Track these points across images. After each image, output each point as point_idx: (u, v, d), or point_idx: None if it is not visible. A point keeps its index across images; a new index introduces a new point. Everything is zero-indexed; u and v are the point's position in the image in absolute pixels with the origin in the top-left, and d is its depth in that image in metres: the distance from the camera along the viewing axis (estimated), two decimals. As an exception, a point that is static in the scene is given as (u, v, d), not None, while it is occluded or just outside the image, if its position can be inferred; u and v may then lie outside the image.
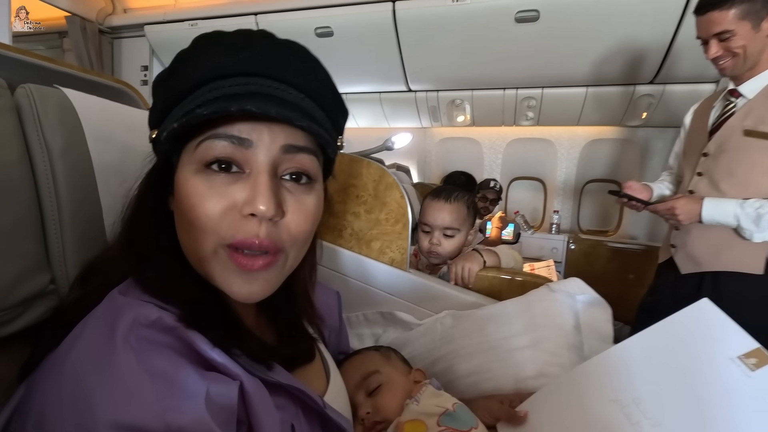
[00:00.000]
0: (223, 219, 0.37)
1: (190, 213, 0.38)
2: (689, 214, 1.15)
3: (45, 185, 0.48)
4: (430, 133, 3.23)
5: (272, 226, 0.38)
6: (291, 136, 0.39)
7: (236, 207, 0.37)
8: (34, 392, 0.34)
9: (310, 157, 0.41)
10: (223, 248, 0.38)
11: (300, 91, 0.41)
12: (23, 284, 0.43)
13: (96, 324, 0.36)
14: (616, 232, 2.92)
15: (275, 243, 0.39)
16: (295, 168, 0.40)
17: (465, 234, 1.06)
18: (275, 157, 0.38)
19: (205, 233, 0.38)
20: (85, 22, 2.65)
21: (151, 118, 0.43)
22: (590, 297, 0.75)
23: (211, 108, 0.35)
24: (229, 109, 0.35)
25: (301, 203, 0.41)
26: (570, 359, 0.67)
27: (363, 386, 0.67)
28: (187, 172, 0.39)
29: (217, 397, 0.35)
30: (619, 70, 2.21)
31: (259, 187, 0.37)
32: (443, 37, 2.18)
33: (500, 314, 0.76)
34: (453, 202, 1.05)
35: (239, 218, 0.38)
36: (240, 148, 0.37)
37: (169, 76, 0.40)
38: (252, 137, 0.37)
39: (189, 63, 0.39)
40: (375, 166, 0.89)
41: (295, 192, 0.40)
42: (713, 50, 1.12)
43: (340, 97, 0.46)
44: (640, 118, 2.57)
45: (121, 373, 0.32)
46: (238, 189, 0.38)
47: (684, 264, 1.25)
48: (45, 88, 0.51)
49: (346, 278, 0.92)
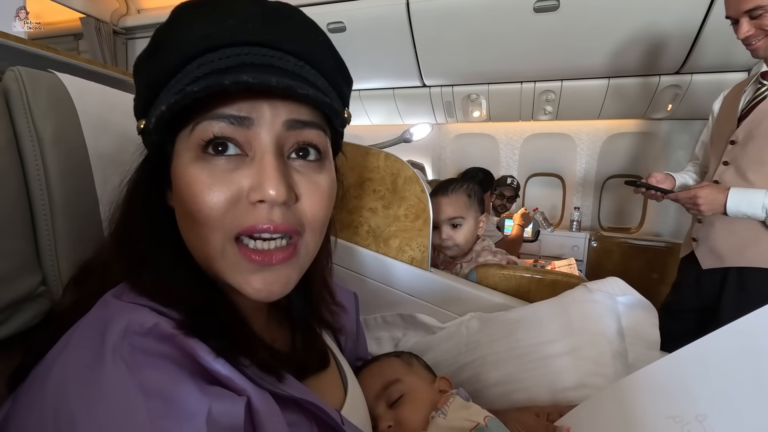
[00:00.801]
0: (228, 209, 0.33)
1: (191, 205, 0.33)
2: (712, 204, 1.07)
3: (34, 176, 0.43)
4: (444, 130, 3.17)
5: (286, 210, 0.34)
6: (294, 110, 0.35)
7: (242, 195, 0.33)
8: (15, 408, 0.30)
9: (317, 131, 0.37)
10: (231, 244, 0.34)
11: (299, 59, 0.36)
12: (9, 286, 0.39)
13: (84, 332, 0.31)
14: (640, 229, 2.81)
15: (292, 226, 0.35)
16: (302, 143, 0.36)
17: (473, 221, 1.07)
18: (279, 135, 0.34)
19: (210, 227, 0.33)
20: (100, 23, 2.66)
21: (137, 106, 0.39)
22: (633, 298, 0.68)
23: (201, 84, 0.30)
24: (222, 83, 0.30)
25: (314, 183, 0.36)
26: (615, 369, 0.61)
27: (383, 396, 0.61)
28: (184, 161, 0.34)
29: (220, 417, 0.30)
30: (643, 60, 2.11)
31: (265, 170, 0.33)
32: (459, 29, 2.12)
33: (532, 317, 0.70)
34: (451, 194, 1.07)
35: (247, 206, 0.33)
36: (240, 128, 0.33)
37: (150, 55, 0.35)
38: (252, 115, 0.33)
39: (170, 38, 0.34)
40: (393, 158, 0.84)
41: (306, 172, 0.36)
42: (744, 29, 1.04)
43: (344, 64, 0.41)
44: (666, 110, 2.46)
45: (110, 390, 0.28)
46: (242, 174, 0.33)
47: (705, 258, 1.18)
48: (36, 72, 0.46)
49: (363, 278, 0.87)
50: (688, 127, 2.53)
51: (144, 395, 0.28)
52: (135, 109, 0.38)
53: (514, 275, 0.84)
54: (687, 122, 2.53)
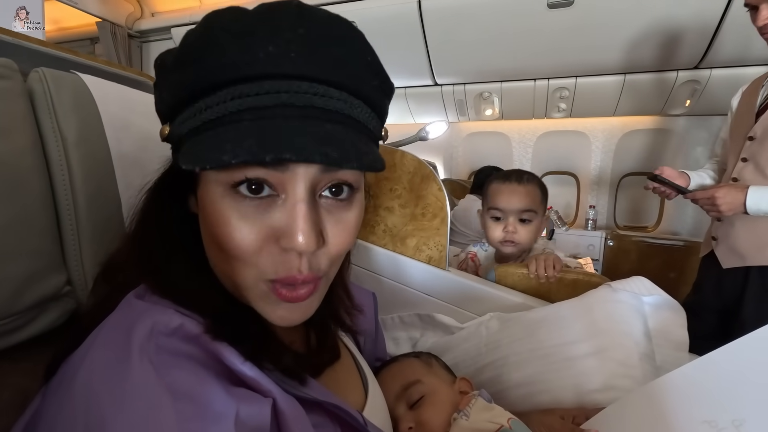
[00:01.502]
0: (260, 253, 0.32)
1: (222, 242, 0.32)
2: (732, 204, 1.04)
3: (59, 176, 0.43)
4: (456, 128, 3.15)
5: (312, 257, 0.33)
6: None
7: (273, 238, 0.32)
8: (44, 409, 0.30)
9: (352, 171, 0.35)
10: (264, 282, 0.34)
11: (343, 90, 0.33)
12: (36, 286, 0.39)
13: (109, 332, 0.31)
14: (657, 227, 2.75)
15: (316, 274, 0.34)
16: (336, 181, 0.34)
17: (540, 222, 0.97)
18: (314, 178, 0.32)
19: (243, 265, 0.33)
20: (115, 27, 2.70)
21: (161, 109, 0.36)
22: (659, 298, 0.66)
23: (240, 156, 0.27)
24: (263, 159, 0.27)
25: (341, 223, 0.35)
26: (643, 370, 0.59)
27: (403, 397, 0.61)
28: (213, 194, 0.33)
29: (247, 419, 0.30)
30: (660, 55, 2.07)
31: (298, 222, 0.31)
32: (471, 27, 2.10)
33: (554, 317, 0.68)
34: (527, 184, 0.96)
35: (278, 252, 0.32)
36: (274, 171, 0.31)
37: (177, 65, 0.33)
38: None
39: (202, 55, 0.31)
40: (410, 157, 0.83)
41: (334, 211, 0.35)
42: (763, 15, 1.00)
43: (387, 78, 0.38)
44: (683, 107, 2.40)
45: (138, 390, 0.27)
46: (273, 218, 0.32)
47: (726, 258, 1.15)
48: (60, 73, 0.47)
49: (380, 278, 0.86)
50: (707, 123, 2.47)
51: (172, 396, 0.28)
52: (158, 109, 0.37)
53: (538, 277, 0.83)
54: (705, 118, 2.47)
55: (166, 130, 0.35)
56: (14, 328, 0.38)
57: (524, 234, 0.95)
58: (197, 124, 0.32)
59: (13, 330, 0.38)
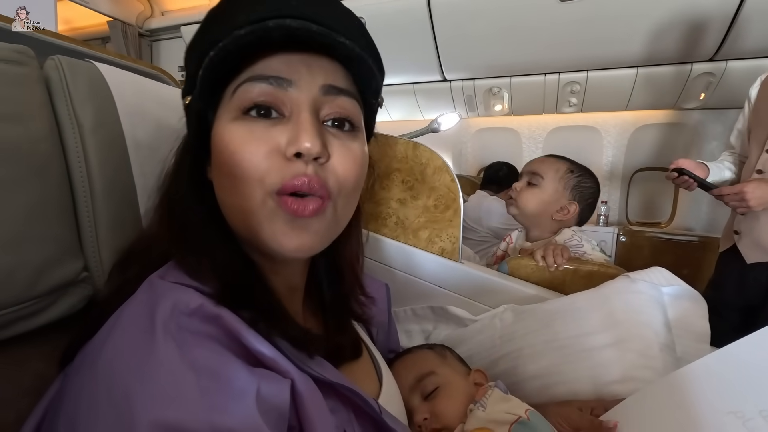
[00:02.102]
0: (266, 164, 0.34)
1: (231, 161, 0.35)
2: (762, 199, 1.02)
3: (76, 163, 0.44)
4: (465, 124, 3.12)
5: (318, 167, 0.36)
6: (330, 75, 0.37)
7: (279, 149, 0.34)
8: (66, 388, 0.31)
9: (352, 101, 0.39)
10: (272, 197, 0.35)
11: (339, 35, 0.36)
12: (53, 271, 0.39)
13: (132, 312, 0.32)
14: (670, 223, 2.71)
15: (323, 184, 0.36)
16: (337, 113, 0.38)
17: (549, 194, 0.98)
18: (315, 98, 0.36)
19: (249, 183, 0.34)
20: (126, 26, 2.73)
21: (185, 87, 0.40)
22: (679, 289, 0.65)
23: (247, 29, 0.32)
24: (267, 26, 0.32)
25: (346, 147, 0.38)
26: (663, 361, 0.58)
27: (418, 389, 0.60)
28: (225, 122, 0.36)
29: (268, 397, 0.30)
30: (674, 47, 2.03)
31: (302, 125, 0.34)
32: (480, 21, 2.08)
33: (570, 308, 0.67)
34: (551, 157, 1.03)
35: (284, 161, 0.34)
36: (279, 90, 0.35)
37: (201, 36, 0.37)
38: (290, 76, 0.35)
39: (220, 20, 0.36)
40: (422, 148, 0.82)
41: (340, 137, 0.38)
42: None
43: (377, 51, 0.41)
44: (698, 100, 2.36)
45: (162, 366, 0.28)
46: (279, 132, 0.35)
47: (750, 252, 1.12)
48: (75, 60, 0.47)
49: (392, 270, 0.85)
50: (722, 116, 2.42)
51: (195, 372, 0.28)
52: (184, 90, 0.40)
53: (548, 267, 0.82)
54: (720, 111, 2.42)
55: (188, 99, 0.38)
56: (34, 312, 0.39)
57: (525, 195, 1.00)
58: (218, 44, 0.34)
59: (33, 314, 0.39)
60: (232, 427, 0.27)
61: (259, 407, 0.29)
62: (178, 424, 0.26)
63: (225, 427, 0.27)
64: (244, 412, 0.28)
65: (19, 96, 0.39)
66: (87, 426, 0.27)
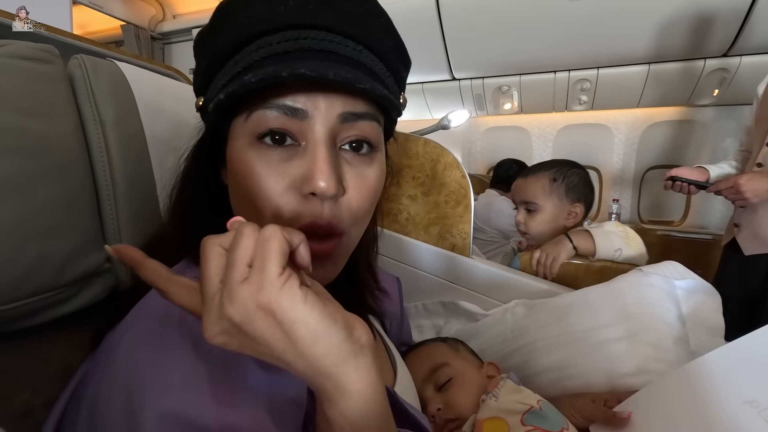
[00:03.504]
0: (283, 201, 0.33)
1: (248, 193, 0.34)
2: (757, 191, 1.02)
3: (99, 158, 0.45)
4: (474, 123, 3.11)
5: (333, 204, 0.34)
6: (350, 102, 0.34)
7: (295, 186, 0.33)
8: (89, 375, 0.32)
9: (371, 123, 0.36)
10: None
11: (358, 42, 0.35)
12: (79, 261, 0.41)
13: (151, 305, 0.33)
14: (683, 221, 2.67)
15: (338, 224, 0.35)
16: (355, 137, 0.35)
17: (551, 212, 0.98)
18: (333, 128, 0.34)
19: (265, 215, 0.34)
20: (139, 30, 2.78)
21: (196, 82, 0.39)
22: (693, 282, 0.64)
23: (259, 75, 0.30)
24: (280, 75, 0.29)
25: (362, 178, 0.36)
26: (677, 354, 0.57)
27: (431, 380, 0.61)
28: (239, 147, 0.34)
29: (281, 391, 0.31)
30: (687, 43, 2.00)
31: (317, 163, 0.32)
32: (489, 19, 2.07)
33: (582, 302, 0.67)
34: (530, 176, 1.01)
35: (300, 199, 0.33)
36: (294, 119, 0.33)
37: (211, 32, 0.36)
38: (307, 107, 0.33)
39: (231, 16, 0.34)
40: (432, 144, 0.83)
41: (355, 164, 0.36)
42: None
43: (403, 45, 0.40)
44: (711, 96, 2.32)
45: (176, 359, 0.29)
46: (294, 165, 0.33)
47: (748, 244, 1.12)
48: (97, 59, 0.48)
49: (403, 265, 0.86)
50: (735, 113, 2.38)
51: (208, 367, 0.29)
52: (195, 84, 0.39)
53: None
54: (734, 108, 2.38)
55: (201, 101, 0.37)
56: (61, 300, 0.40)
57: (531, 224, 1.00)
58: (227, 79, 0.33)
59: (60, 302, 0.40)
60: (238, 423, 0.27)
61: (271, 405, 0.29)
62: (186, 415, 0.26)
63: (230, 422, 0.27)
64: (253, 409, 0.28)
65: (45, 93, 0.41)
66: (103, 411, 0.28)
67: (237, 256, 0.24)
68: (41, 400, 0.38)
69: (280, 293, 0.23)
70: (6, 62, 0.38)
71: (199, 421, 0.26)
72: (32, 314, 0.38)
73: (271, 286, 0.23)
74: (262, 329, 0.23)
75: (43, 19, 0.78)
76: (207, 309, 0.24)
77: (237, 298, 0.23)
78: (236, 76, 0.33)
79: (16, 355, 0.39)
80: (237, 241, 0.24)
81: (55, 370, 0.40)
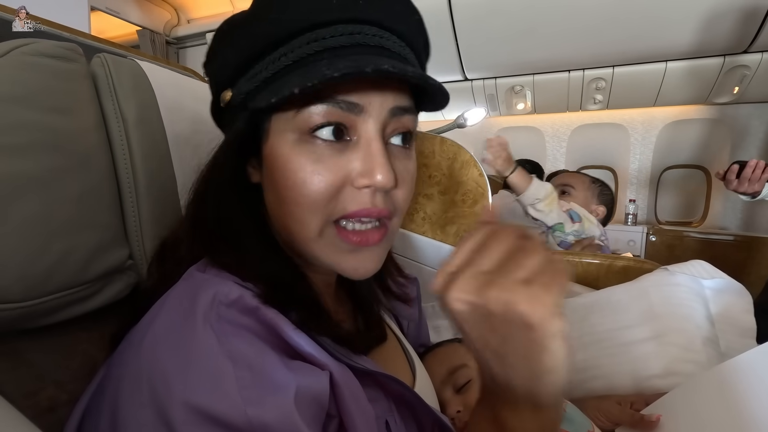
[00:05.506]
0: (333, 193, 0.33)
1: (296, 191, 0.33)
2: None
3: (121, 155, 0.45)
4: (487, 124, 3.09)
5: (385, 196, 0.34)
6: (399, 96, 0.35)
7: (348, 179, 0.33)
8: (111, 371, 0.32)
9: (413, 117, 0.37)
10: (330, 226, 0.35)
11: (401, 39, 0.36)
12: (102, 257, 0.41)
13: (174, 302, 0.32)
14: (702, 222, 2.61)
15: (390, 211, 0.35)
16: (401, 129, 0.36)
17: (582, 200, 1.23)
18: (384, 122, 0.34)
19: (313, 213, 0.34)
20: (154, 35, 2.82)
21: (219, 73, 0.38)
22: (721, 282, 0.62)
23: (341, 69, 0.29)
24: (364, 70, 0.29)
25: (407, 170, 0.37)
26: (707, 355, 0.55)
27: (450, 382, 0.60)
28: (285, 143, 0.34)
29: (306, 390, 0.30)
30: (705, 40, 1.96)
31: (375, 157, 0.33)
32: (502, 18, 2.06)
33: (606, 302, 0.65)
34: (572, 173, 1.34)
35: (352, 191, 0.34)
36: (349, 114, 0.33)
37: (249, 22, 0.34)
38: (362, 102, 0.33)
39: (277, 6, 0.33)
40: (449, 143, 0.82)
41: (400, 157, 0.37)
42: None
43: (429, 43, 0.40)
44: (731, 94, 2.27)
45: (201, 354, 0.28)
46: (348, 159, 0.33)
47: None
48: (119, 58, 0.49)
49: (420, 265, 0.85)
50: (757, 110, 2.31)
51: (232, 363, 0.28)
52: (218, 77, 0.38)
53: (580, 262, 0.80)
54: (756, 105, 2.31)
55: (228, 94, 0.36)
56: (84, 297, 0.40)
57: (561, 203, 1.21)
58: (275, 70, 0.33)
59: (83, 299, 0.40)
60: (267, 421, 0.27)
61: (296, 402, 0.28)
62: (212, 410, 0.26)
63: (260, 421, 0.26)
64: (280, 407, 0.28)
65: (69, 90, 0.41)
66: (127, 405, 0.28)
67: (528, 261, 0.26)
68: (66, 396, 0.39)
69: (552, 319, 0.24)
70: (31, 60, 0.38)
71: (227, 419, 0.26)
72: (57, 310, 0.38)
73: (547, 306, 0.24)
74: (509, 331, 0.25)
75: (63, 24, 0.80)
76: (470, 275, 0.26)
77: (509, 292, 0.24)
78: (287, 68, 0.32)
79: (40, 351, 0.39)
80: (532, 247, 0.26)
81: (79, 366, 0.41)
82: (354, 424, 0.32)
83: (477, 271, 0.26)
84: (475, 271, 0.26)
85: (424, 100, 0.38)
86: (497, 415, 0.28)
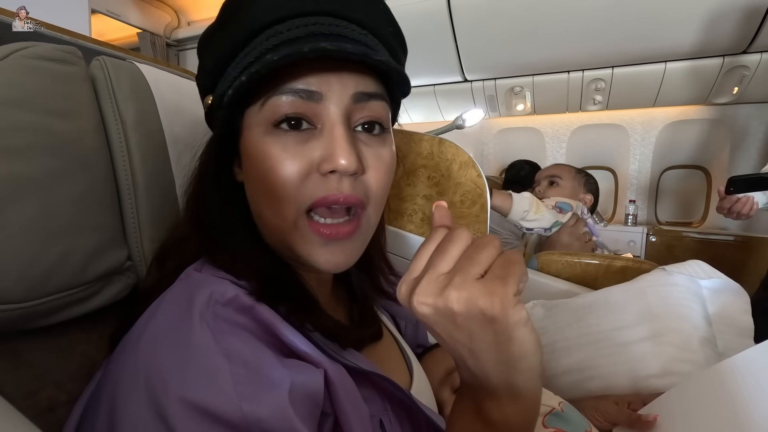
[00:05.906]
0: (301, 182, 0.34)
1: (265, 179, 0.34)
2: None
3: (120, 157, 0.46)
4: (487, 125, 3.10)
5: (354, 181, 0.35)
6: (361, 82, 0.35)
7: (313, 166, 0.34)
8: (108, 370, 0.32)
9: (382, 103, 0.37)
10: (303, 218, 0.35)
11: (362, 27, 0.36)
12: (101, 258, 0.41)
13: (171, 300, 0.33)
14: (703, 222, 2.61)
15: (359, 197, 0.35)
16: (368, 117, 0.36)
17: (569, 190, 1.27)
18: (347, 108, 0.35)
19: (284, 201, 0.34)
20: (155, 37, 2.83)
21: (202, 82, 0.40)
22: (719, 282, 0.62)
23: (282, 52, 0.30)
24: (302, 51, 0.30)
25: (378, 156, 0.37)
26: (705, 355, 0.56)
27: (447, 382, 0.60)
28: (255, 136, 0.35)
29: (300, 387, 0.31)
30: (705, 40, 1.96)
31: (336, 141, 0.33)
32: (501, 19, 2.06)
33: (604, 302, 0.65)
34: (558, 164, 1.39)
35: (318, 178, 0.34)
36: (309, 102, 0.34)
37: (218, 29, 0.37)
38: (321, 89, 0.34)
39: (237, 11, 0.35)
40: (447, 144, 0.82)
41: (371, 144, 0.37)
42: None
43: (401, 31, 0.41)
44: (731, 94, 2.27)
45: (197, 352, 0.29)
46: (312, 147, 0.34)
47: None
48: (118, 61, 0.49)
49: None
50: (759, 110, 2.31)
51: (228, 360, 0.29)
52: (200, 83, 0.40)
53: (579, 262, 0.80)
54: (756, 106, 2.31)
55: (209, 99, 0.38)
56: (83, 298, 0.40)
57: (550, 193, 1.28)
58: (240, 69, 0.34)
59: (82, 300, 0.40)
60: (261, 416, 0.27)
61: (291, 399, 0.29)
62: (208, 405, 0.26)
63: (254, 416, 0.27)
64: (275, 402, 0.28)
65: (68, 93, 0.42)
66: (124, 403, 0.28)
67: (481, 257, 0.26)
68: (65, 396, 0.39)
69: (512, 309, 0.25)
70: (31, 63, 0.38)
71: (222, 414, 0.26)
72: (56, 311, 0.39)
73: (504, 298, 0.24)
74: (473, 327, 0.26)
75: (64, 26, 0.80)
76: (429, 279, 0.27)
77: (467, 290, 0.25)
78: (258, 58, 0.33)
79: (40, 351, 0.39)
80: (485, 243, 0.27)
81: (78, 366, 0.41)
82: (349, 422, 0.33)
83: (436, 274, 0.27)
84: (434, 275, 0.27)
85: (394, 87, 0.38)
86: (480, 406, 0.29)
